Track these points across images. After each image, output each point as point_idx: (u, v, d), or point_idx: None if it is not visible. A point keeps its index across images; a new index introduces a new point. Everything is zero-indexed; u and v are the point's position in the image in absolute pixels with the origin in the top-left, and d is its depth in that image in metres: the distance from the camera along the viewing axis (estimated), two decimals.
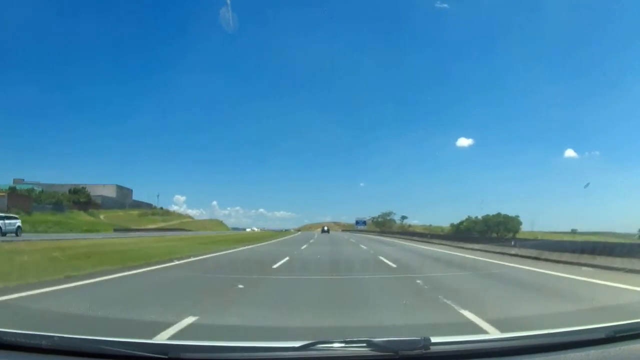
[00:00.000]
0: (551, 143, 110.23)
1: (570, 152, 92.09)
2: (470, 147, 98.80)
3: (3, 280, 7.06)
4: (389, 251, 21.05)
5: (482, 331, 4.42)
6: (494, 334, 4.06)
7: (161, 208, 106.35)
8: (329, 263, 14.30)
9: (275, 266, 12.23)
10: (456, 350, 1.95)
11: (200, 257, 14.72)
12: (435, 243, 30.64)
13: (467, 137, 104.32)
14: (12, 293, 6.19)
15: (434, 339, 1.88)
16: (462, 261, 15.44)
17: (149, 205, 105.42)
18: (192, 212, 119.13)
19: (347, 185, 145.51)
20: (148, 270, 10.28)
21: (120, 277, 8.96)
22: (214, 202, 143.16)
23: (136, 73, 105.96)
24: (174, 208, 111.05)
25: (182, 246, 20.59)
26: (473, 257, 17.25)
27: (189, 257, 14.29)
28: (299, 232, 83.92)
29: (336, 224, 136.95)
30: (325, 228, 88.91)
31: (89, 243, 21.11)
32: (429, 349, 1.84)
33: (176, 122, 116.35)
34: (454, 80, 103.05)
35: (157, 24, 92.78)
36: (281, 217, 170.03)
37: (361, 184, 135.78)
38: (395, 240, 39.51)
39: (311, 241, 33.51)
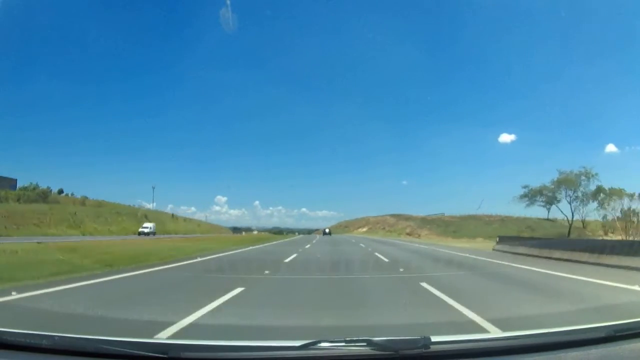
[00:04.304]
0: (593, 138, 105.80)
1: (611, 147, 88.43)
2: (512, 142, 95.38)
3: None
4: None
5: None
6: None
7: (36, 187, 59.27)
8: None
9: None
10: (456, 350, 1.95)
11: None
12: None
13: (510, 132, 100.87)
14: None
15: (434, 338, 1.88)
16: None
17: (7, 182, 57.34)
18: (234, 212, 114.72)
19: (389, 183, 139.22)
20: None
21: None
22: (256, 202, 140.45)
23: (162, 66, 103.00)
24: (215, 208, 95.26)
25: None
26: None
27: None
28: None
29: (401, 217, 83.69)
30: (327, 230, 76.16)
31: None
32: (429, 348, 1.85)
33: (214, 117, 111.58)
34: (495, 74, 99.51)
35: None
36: (323, 216, 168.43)
37: (404, 182, 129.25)
38: None
39: None
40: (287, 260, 14.92)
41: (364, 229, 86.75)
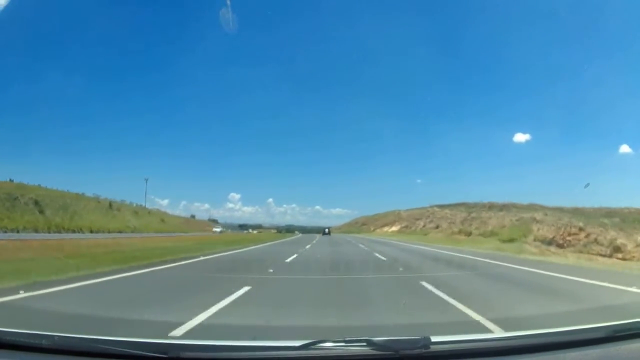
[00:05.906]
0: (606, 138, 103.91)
1: (625, 148, 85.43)
2: (527, 142, 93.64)
3: None
4: None
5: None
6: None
7: None
8: None
9: None
10: (456, 350, 1.95)
11: None
12: None
13: (524, 132, 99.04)
14: None
15: (434, 338, 1.88)
16: None
17: None
18: (247, 210, 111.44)
19: (403, 181, 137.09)
20: None
21: None
22: (270, 200, 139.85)
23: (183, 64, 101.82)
24: (229, 205, 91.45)
25: None
26: None
27: None
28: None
29: (483, 207, 50.38)
30: (326, 230, 73.58)
31: None
32: (429, 348, 1.84)
33: (227, 115, 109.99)
34: (510, 71, 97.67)
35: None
36: (337, 214, 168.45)
37: (418, 181, 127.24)
38: None
39: None
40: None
41: (395, 228, 61.01)
